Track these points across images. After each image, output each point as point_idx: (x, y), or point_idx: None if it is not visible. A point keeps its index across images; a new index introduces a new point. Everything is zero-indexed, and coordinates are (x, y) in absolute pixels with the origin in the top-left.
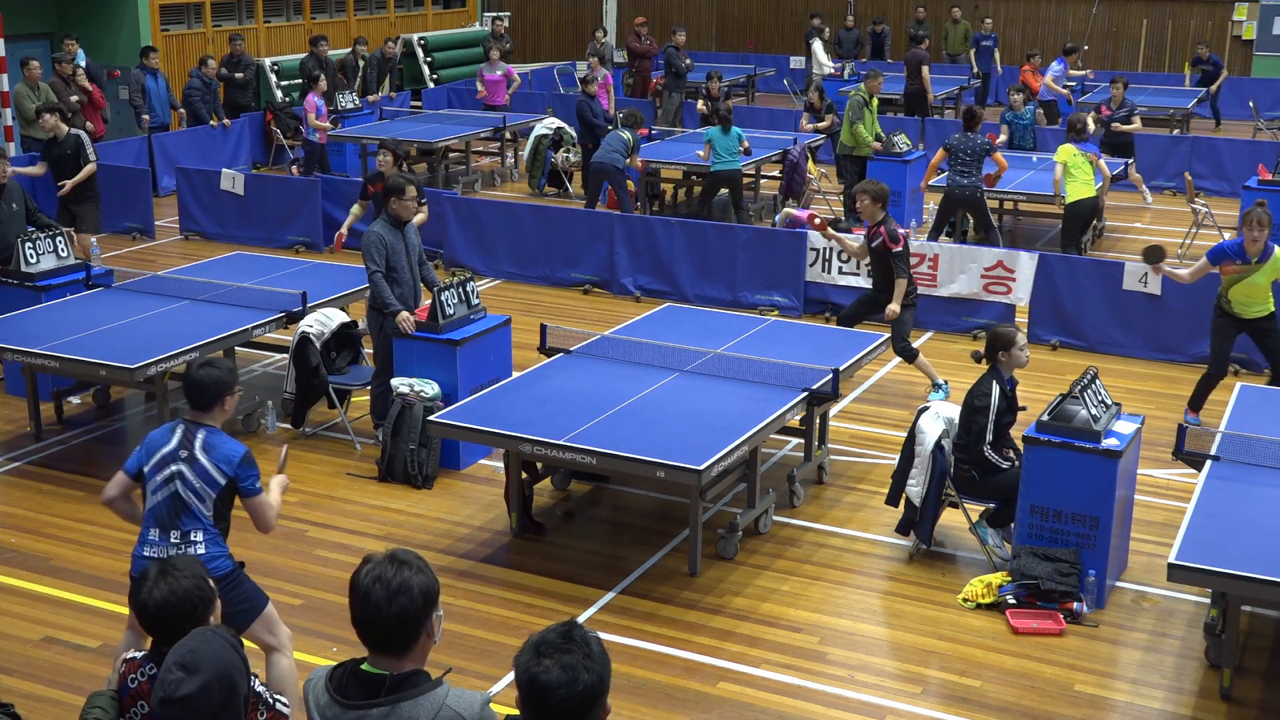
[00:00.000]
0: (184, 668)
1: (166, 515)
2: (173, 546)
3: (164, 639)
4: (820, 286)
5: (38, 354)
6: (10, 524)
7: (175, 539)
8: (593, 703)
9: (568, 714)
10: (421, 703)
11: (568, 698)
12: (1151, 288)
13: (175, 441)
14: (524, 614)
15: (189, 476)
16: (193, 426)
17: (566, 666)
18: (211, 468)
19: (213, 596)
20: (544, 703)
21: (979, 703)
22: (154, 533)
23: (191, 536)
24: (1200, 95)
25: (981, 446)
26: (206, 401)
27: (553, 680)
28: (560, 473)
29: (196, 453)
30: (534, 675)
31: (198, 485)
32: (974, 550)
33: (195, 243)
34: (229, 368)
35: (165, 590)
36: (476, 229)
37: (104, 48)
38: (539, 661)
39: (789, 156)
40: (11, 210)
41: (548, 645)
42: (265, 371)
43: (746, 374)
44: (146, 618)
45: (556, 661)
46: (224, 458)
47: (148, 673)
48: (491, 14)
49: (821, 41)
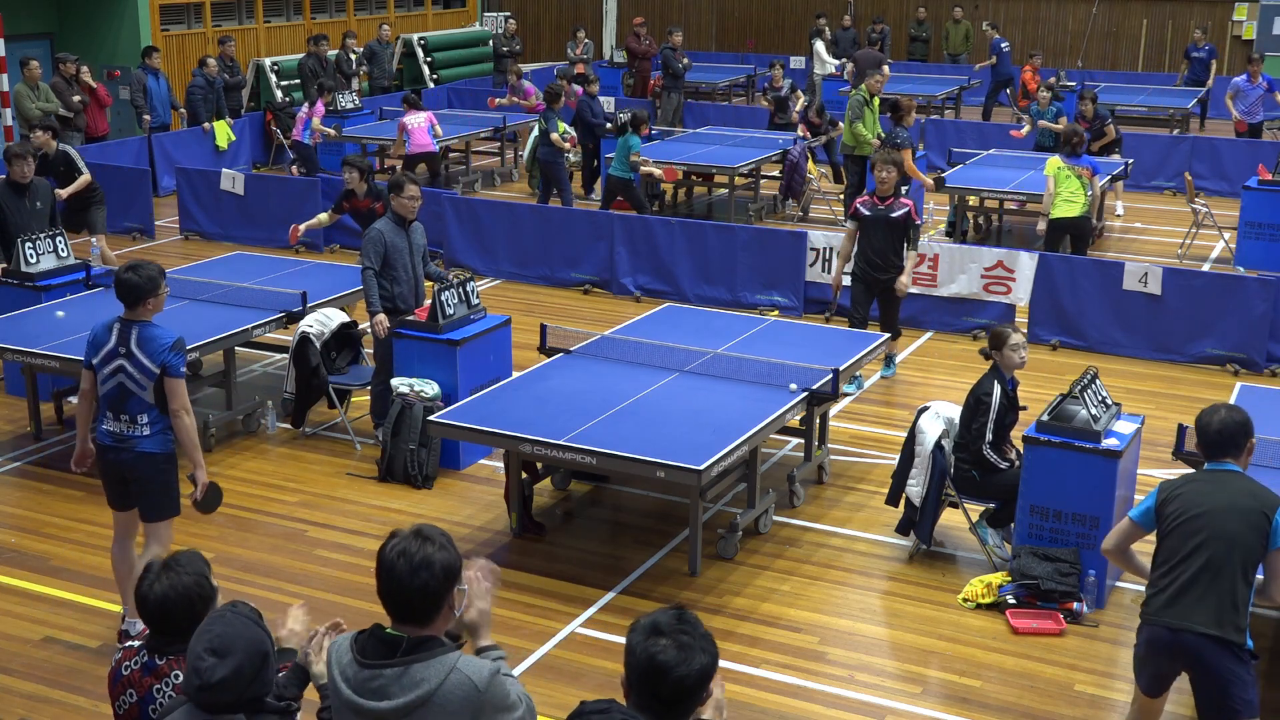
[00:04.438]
0: (215, 653)
1: (116, 401)
2: (123, 424)
3: (161, 631)
4: (820, 286)
5: (38, 354)
6: (10, 524)
7: (125, 420)
8: (704, 683)
9: (682, 693)
10: (433, 664)
11: (685, 676)
12: (1151, 287)
13: (114, 339)
14: (524, 614)
15: (129, 369)
16: (128, 324)
17: (683, 646)
18: (146, 360)
19: (213, 594)
20: (660, 681)
21: (979, 703)
22: (108, 415)
23: (138, 419)
24: (1200, 95)
25: (981, 445)
26: (132, 301)
27: (670, 660)
28: (560, 473)
29: (133, 348)
30: (652, 654)
31: (137, 376)
32: (974, 550)
33: (195, 243)
34: (151, 274)
35: (166, 585)
36: (476, 229)
37: (104, 48)
38: (656, 641)
39: (789, 156)
40: (36, 209)
41: (664, 626)
42: (265, 371)
43: (746, 374)
44: (146, 611)
45: (674, 641)
46: (156, 349)
47: (141, 661)
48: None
49: (824, 41)
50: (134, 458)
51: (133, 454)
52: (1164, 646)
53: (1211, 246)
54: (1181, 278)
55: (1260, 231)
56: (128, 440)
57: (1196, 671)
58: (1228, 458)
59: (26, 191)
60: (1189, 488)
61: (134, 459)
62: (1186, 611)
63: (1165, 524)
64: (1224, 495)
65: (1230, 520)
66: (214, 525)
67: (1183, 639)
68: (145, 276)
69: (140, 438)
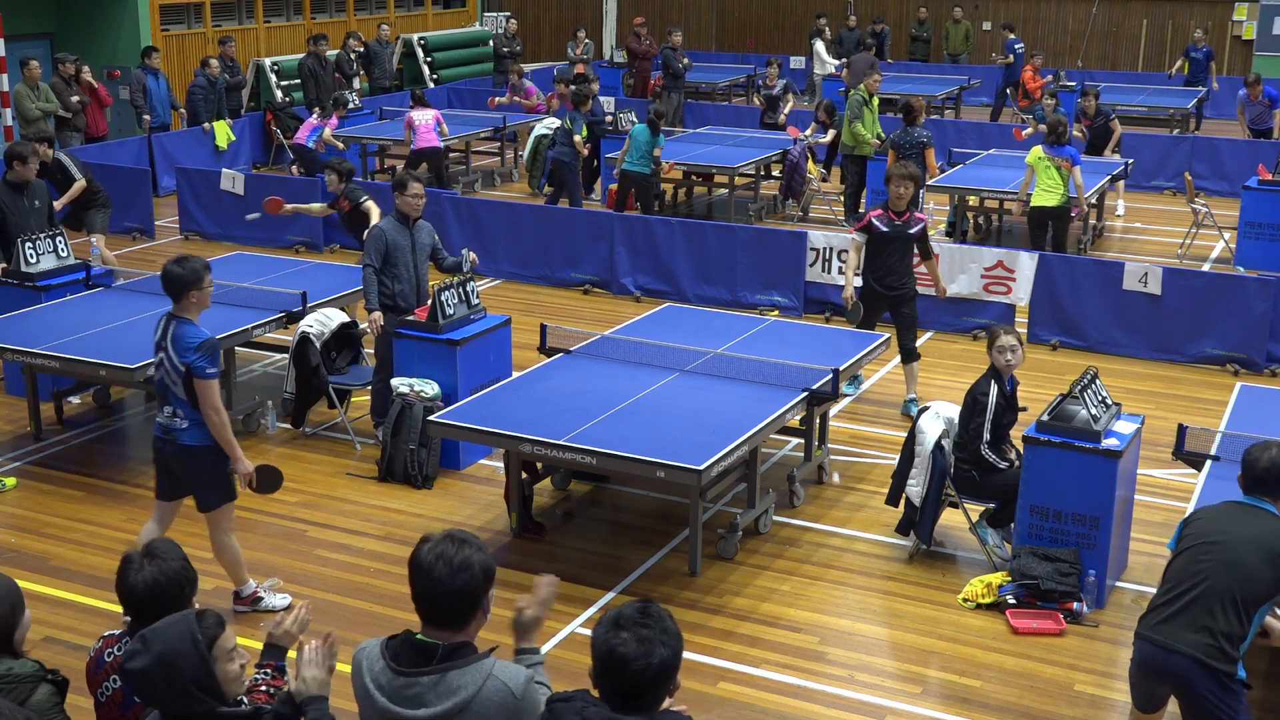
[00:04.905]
0: (142, 641)
1: (161, 393)
2: (167, 417)
3: (149, 619)
4: (820, 286)
5: (38, 354)
6: (10, 524)
7: (167, 414)
8: (666, 676)
9: (642, 685)
10: (469, 672)
11: (644, 669)
12: (1151, 287)
13: (159, 332)
14: None
15: (165, 364)
16: (171, 319)
17: (643, 640)
18: (175, 357)
19: (196, 578)
20: (620, 674)
21: (979, 703)
22: (160, 407)
23: (177, 413)
24: (1200, 95)
25: (979, 445)
26: (174, 294)
27: (630, 653)
28: (560, 473)
29: (167, 344)
30: (612, 647)
31: (170, 372)
32: (974, 550)
33: (195, 243)
34: (195, 267)
35: (154, 571)
36: (476, 229)
37: (104, 48)
38: (617, 634)
39: (789, 156)
40: (35, 207)
41: (625, 619)
42: (265, 371)
43: (746, 374)
44: (135, 599)
45: (634, 634)
46: (183, 348)
47: (124, 647)
48: (493, 14)
49: (824, 41)
50: (176, 450)
51: (175, 446)
52: (1153, 665)
53: (1211, 246)
54: (1181, 278)
55: (1260, 231)
56: (171, 433)
57: (1183, 694)
58: (1267, 497)
59: (25, 191)
60: (1215, 512)
61: (176, 452)
62: (1178, 632)
63: (1183, 543)
64: (1249, 529)
65: (1248, 553)
66: None
67: (1172, 660)
68: (189, 269)
69: (180, 430)
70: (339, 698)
